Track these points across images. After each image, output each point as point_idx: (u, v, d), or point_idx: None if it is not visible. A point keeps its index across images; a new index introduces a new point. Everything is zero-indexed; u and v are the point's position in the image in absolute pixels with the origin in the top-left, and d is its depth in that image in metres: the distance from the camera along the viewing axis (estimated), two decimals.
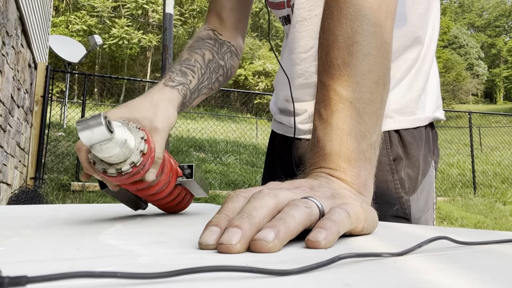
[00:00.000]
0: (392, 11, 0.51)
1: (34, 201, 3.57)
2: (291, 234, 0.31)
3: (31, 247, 0.31)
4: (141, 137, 0.46)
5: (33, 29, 3.95)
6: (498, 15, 44.28)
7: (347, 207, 0.35)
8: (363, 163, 0.44)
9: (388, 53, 0.49)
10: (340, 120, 0.45)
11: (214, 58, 0.75)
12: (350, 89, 0.46)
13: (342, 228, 0.33)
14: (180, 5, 20.98)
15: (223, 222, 0.32)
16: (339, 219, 0.33)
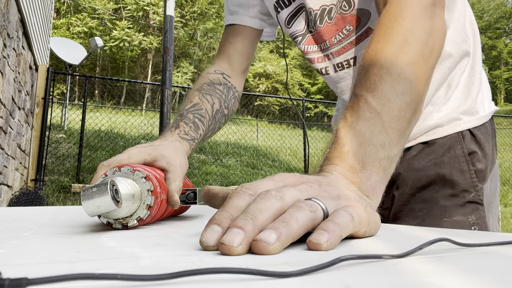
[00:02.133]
0: (438, 50, 0.55)
1: (35, 203, 3.57)
2: (293, 237, 0.31)
3: (31, 249, 0.31)
4: (147, 189, 0.45)
5: (34, 31, 3.96)
6: (499, 17, 44.34)
7: (351, 210, 0.35)
8: (376, 169, 0.44)
9: (425, 86, 0.52)
10: (364, 126, 0.46)
11: (220, 107, 0.83)
12: (380, 102, 0.48)
13: (345, 231, 0.33)
14: (180, 7, 21.03)
15: (225, 222, 0.32)
16: (343, 222, 0.33)
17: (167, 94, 2.56)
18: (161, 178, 0.52)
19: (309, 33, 0.84)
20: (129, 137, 7.85)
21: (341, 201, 0.37)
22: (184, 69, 20.80)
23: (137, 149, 0.58)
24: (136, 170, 0.46)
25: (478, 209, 0.72)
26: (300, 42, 0.86)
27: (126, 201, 0.42)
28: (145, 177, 0.46)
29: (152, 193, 0.45)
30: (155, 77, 21.26)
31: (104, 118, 8.40)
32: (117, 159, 0.55)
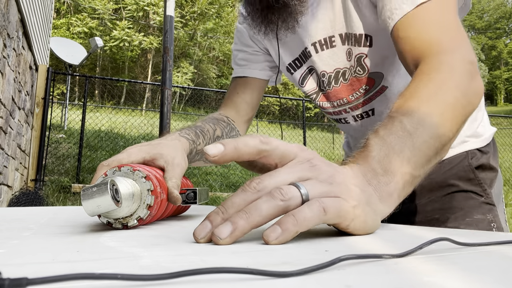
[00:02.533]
0: (474, 104, 0.57)
1: (35, 203, 3.57)
2: (252, 227, 0.34)
3: (31, 249, 0.31)
4: (147, 189, 0.45)
5: (34, 31, 3.96)
6: (499, 17, 44.32)
7: (328, 202, 0.35)
8: (397, 179, 0.45)
9: (455, 133, 0.53)
10: (394, 140, 0.47)
11: (222, 135, 0.85)
12: (414, 125, 0.49)
13: (303, 227, 0.34)
14: (181, 7, 21.03)
15: (217, 219, 0.35)
16: (303, 217, 0.34)
17: (167, 94, 2.56)
18: (161, 177, 0.52)
19: (321, 92, 0.89)
20: (129, 137, 7.86)
21: (332, 188, 0.37)
22: (184, 69, 20.80)
23: (136, 148, 0.58)
24: (136, 170, 0.46)
25: (492, 209, 0.78)
26: (315, 99, 0.92)
27: (126, 200, 0.42)
28: (145, 176, 0.46)
29: (152, 192, 0.45)
30: (155, 77, 21.26)
31: (104, 118, 8.40)
32: (116, 158, 0.55)
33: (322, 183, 0.37)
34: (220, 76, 24.50)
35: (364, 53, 0.78)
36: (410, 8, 0.63)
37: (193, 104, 19.45)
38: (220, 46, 23.16)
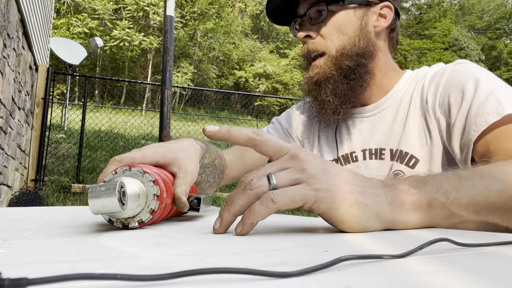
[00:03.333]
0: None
1: (35, 203, 3.57)
2: (233, 216, 0.42)
3: (31, 249, 0.31)
4: (153, 193, 0.45)
5: (34, 31, 3.96)
6: (499, 18, 44.32)
7: (281, 192, 0.39)
8: (422, 197, 0.45)
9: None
10: (439, 176, 0.49)
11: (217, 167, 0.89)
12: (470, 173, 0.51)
13: (257, 217, 0.39)
14: (181, 8, 21.03)
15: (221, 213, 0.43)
16: (255, 210, 0.39)
17: (167, 94, 2.56)
18: (169, 180, 0.52)
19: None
20: (129, 137, 7.85)
21: (298, 176, 0.41)
22: (184, 69, 20.80)
23: (152, 149, 0.58)
24: (146, 173, 0.46)
25: None
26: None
27: (131, 203, 0.42)
28: (154, 181, 0.46)
29: (158, 198, 0.45)
30: (155, 77, 21.26)
31: (104, 118, 8.40)
32: (130, 156, 0.55)
33: (293, 172, 0.41)
34: (220, 76, 24.50)
35: (402, 172, 0.78)
36: (496, 119, 0.64)
37: (193, 104, 19.46)
38: (220, 46, 23.15)
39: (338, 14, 0.81)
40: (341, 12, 0.81)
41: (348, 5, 0.81)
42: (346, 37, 0.80)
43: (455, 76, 0.73)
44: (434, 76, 0.78)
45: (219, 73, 24.52)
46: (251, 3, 28.93)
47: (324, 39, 0.81)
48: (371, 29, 0.82)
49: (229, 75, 24.54)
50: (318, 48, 0.81)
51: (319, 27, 0.82)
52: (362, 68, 0.81)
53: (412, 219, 0.45)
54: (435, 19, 28.61)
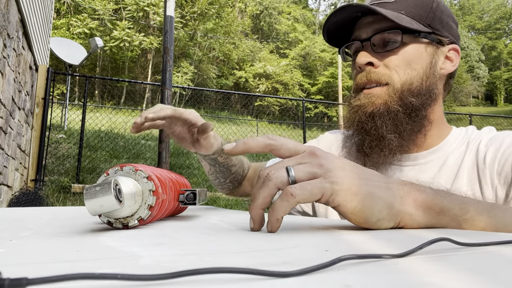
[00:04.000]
0: None
1: (35, 203, 3.57)
2: (260, 209, 0.43)
3: (31, 249, 0.31)
4: (149, 189, 0.45)
5: (34, 31, 3.96)
6: (499, 18, 44.31)
7: (299, 186, 0.41)
8: (427, 197, 0.46)
9: None
10: (456, 196, 0.49)
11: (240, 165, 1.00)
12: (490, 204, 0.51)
13: (280, 213, 0.41)
14: (181, 8, 21.02)
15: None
16: (276, 206, 0.41)
17: (167, 94, 2.56)
18: (163, 177, 0.52)
19: None
20: (129, 137, 7.85)
21: (316, 171, 0.42)
22: (184, 69, 20.79)
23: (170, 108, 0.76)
24: (138, 170, 0.46)
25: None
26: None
27: (129, 200, 0.42)
28: (147, 177, 0.46)
29: (154, 193, 0.45)
30: (155, 78, 21.25)
31: (104, 118, 8.40)
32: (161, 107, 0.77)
33: (311, 166, 0.42)
34: (220, 76, 24.50)
35: None
36: None
37: (193, 104, 19.45)
38: (220, 46, 23.15)
39: (409, 46, 0.74)
40: (412, 44, 0.74)
41: (421, 39, 0.75)
42: (414, 72, 0.74)
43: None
44: (488, 144, 0.72)
45: (219, 73, 24.51)
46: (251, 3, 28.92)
47: (389, 69, 0.74)
48: (438, 70, 0.76)
49: (229, 75, 24.54)
50: (381, 79, 0.74)
51: (384, 56, 0.75)
52: (425, 110, 0.74)
53: (419, 216, 0.45)
54: None
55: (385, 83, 0.73)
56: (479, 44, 42.43)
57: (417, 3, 0.75)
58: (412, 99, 0.72)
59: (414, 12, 0.74)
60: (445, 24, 0.77)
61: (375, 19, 0.75)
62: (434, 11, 0.76)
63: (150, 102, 20.03)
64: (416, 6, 0.75)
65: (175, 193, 0.56)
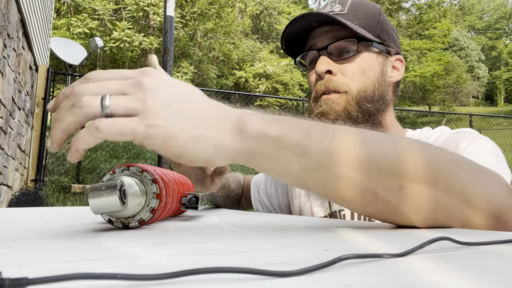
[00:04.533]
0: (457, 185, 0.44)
1: (35, 203, 3.57)
2: (64, 133, 0.37)
3: (31, 249, 0.31)
4: (153, 192, 0.45)
5: (34, 31, 3.96)
6: (499, 18, 44.32)
7: (109, 121, 0.36)
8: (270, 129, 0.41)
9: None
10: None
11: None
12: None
13: (82, 144, 0.36)
14: (181, 8, 21.02)
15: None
16: (79, 136, 0.36)
17: None
18: (167, 178, 0.52)
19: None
20: None
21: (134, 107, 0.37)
22: (184, 69, 20.79)
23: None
24: (145, 171, 0.46)
25: None
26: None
27: (132, 202, 0.42)
28: (153, 179, 0.46)
29: (157, 196, 0.45)
30: None
31: None
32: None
33: (132, 100, 0.37)
34: (220, 76, 24.50)
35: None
36: None
37: None
38: (220, 46, 23.15)
39: (363, 55, 0.79)
40: (366, 53, 0.79)
41: (373, 48, 0.80)
42: (368, 80, 0.78)
43: (454, 137, 0.73)
44: (434, 139, 0.77)
45: (219, 73, 24.52)
46: (251, 3, 28.93)
47: (346, 77, 0.78)
48: (387, 78, 0.81)
49: (229, 75, 24.54)
50: (339, 87, 0.77)
51: (341, 64, 0.79)
52: (380, 115, 0.79)
53: (254, 148, 0.40)
54: (435, 19, 28.61)
55: (343, 91, 0.77)
56: (479, 44, 42.45)
57: (367, 15, 0.80)
58: (368, 105, 0.77)
59: (365, 23, 0.79)
60: (390, 36, 0.83)
61: (331, 29, 0.79)
62: (381, 23, 0.82)
63: None
64: (366, 18, 0.80)
65: (178, 195, 0.56)
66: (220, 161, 0.40)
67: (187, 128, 0.38)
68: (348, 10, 0.79)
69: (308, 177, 0.41)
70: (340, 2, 0.81)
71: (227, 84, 24.07)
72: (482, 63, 39.51)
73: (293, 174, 0.41)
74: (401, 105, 25.44)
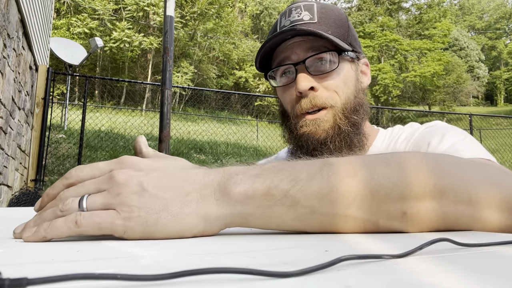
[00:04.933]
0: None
1: (35, 203, 3.56)
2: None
3: (31, 249, 0.31)
4: None
5: (34, 31, 3.96)
6: (499, 18, 44.31)
7: (89, 216, 0.36)
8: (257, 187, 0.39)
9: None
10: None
11: None
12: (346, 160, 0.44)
13: (53, 234, 0.36)
14: (181, 8, 21.02)
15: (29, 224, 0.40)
16: (54, 226, 0.36)
17: (167, 94, 2.56)
18: None
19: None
20: (129, 137, 7.86)
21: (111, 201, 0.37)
22: (184, 69, 20.80)
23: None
24: None
25: None
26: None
27: None
28: None
29: None
30: (155, 78, 21.26)
31: (104, 118, 8.40)
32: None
33: (107, 196, 0.37)
34: (220, 76, 24.50)
35: None
36: None
37: (193, 104, 19.47)
38: (220, 46, 23.15)
39: (341, 65, 0.75)
40: (343, 63, 0.76)
41: (347, 57, 0.77)
42: (349, 90, 0.75)
43: (424, 134, 0.73)
44: (406, 138, 0.77)
45: (219, 73, 24.52)
46: (251, 3, 28.92)
47: (329, 91, 0.74)
48: (361, 85, 0.79)
49: (229, 75, 24.54)
50: (325, 103, 0.73)
51: (322, 78, 0.74)
52: (362, 125, 0.77)
53: (241, 212, 0.39)
54: (435, 19, 28.61)
55: (329, 106, 0.73)
56: (479, 44, 42.44)
57: (337, 22, 0.76)
58: (354, 117, 0.74)
59: (338, 32, 0.75)
60: (357, 40, 0.81)
61: (305, 39, 0.74)
62: (350, 29, 0.78)
63: (150, 102, 20.04)
64: (337, 26, 0.75)
65: None
66: (211, 231, 0.39)
67: (165, 209, 0.37)
68: (318, 18, 0.74)
69: (303, 223, 0.40)
70: (307, 8, 0.76)
71: (227, 84, 24.06)
72: (482, 63, 39.52)
73: (288, 224, 0.40)
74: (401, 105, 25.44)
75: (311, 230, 0.41)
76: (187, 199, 0.38)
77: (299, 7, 0.76)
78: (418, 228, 0.41)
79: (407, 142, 0.75)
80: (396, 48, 27.18)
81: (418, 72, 25.81)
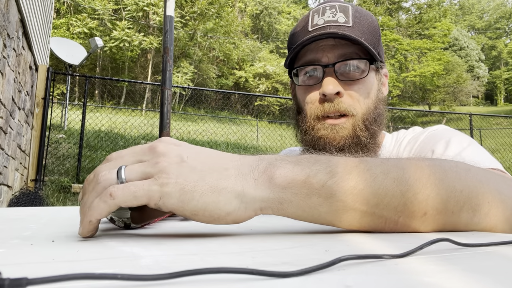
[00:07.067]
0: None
1: (35, 203, 3.57)
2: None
3: (31, 249, 0.31)
4: None
5: (34, 31, 3.96)
6: (499, 17, 44.31)
7: (121, 187, 0.35)
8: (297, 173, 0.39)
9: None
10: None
11: None
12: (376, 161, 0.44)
13: (95, 215, 0.36)
14: (180, 8, 21.01)
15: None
16: (91, 206, 0.36)
17: (167, 94, 2.56)
18: None
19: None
20: (129, 137, 7.86)
21: (149, 170, 0.37)
22: (184, 69, 20.79)
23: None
24: None
25: None
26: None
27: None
28: None
29: None
30: (155, 77, 21.25)
31: (104, 118, 8.40)
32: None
33: (146, 165, 0.37)
34: (220, 76, 24.50)
35: None
36: None
37: (193, 104, 19.46)
38: (220, 46, 23.15)
39: (369, 75, 0.74)
40: (370, 73, 0.74)
41: (373, 67, 0.75)
42: (370, 100, 0.74)
43: (428, 140, 0.72)
44: (409, 141, 0.77)
45: (219, 73, 24.52)
46: (251, 3, 28.94)
47: (352, 99, 0.72)
48: (381, 95, 0.78)
49: (229, 75, 24.53)
50: (348, 110, 0.72)
51: (348, 85, 0.73)
52: (379, 134, 0.76)
53: (281, 196, 0.39)
54: (435, 19, 28.60)
55: (350, 114, 0.72)
56: (479, 44, 42.45)
57: (370, 29, 0.73)
58: (374, 127, 0.73)
59: (371, 39, 0.73)
60: (383, 49, 0.79)
61: (337, 43, 0.73)
62: (380, 37, 0.76)
63: (150, 102, 20.04)
64: (370, 33, 0.73)
65: None
66: (245, 214, 0.38)
67: (203, 179, 0.37)
68: (353, 22, 0.72)
69: (336, 217, 0.40)
70: (342, 10, 0.73)
71: (227, 84, 24.06)
72: (482, 63, 39.51)
73: (322, 217, 0.40)
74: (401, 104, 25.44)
75: (340, 225, 0.42)
76: (225, 174, 0.38)
77: (334, 7, 0.74)
78: (430, 228, 0.43)
79: (411, 146, 0.75)
80: (396, 48, 27.16)
81: (418, 72, 25.81)
